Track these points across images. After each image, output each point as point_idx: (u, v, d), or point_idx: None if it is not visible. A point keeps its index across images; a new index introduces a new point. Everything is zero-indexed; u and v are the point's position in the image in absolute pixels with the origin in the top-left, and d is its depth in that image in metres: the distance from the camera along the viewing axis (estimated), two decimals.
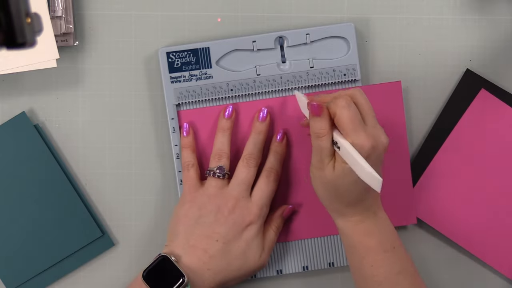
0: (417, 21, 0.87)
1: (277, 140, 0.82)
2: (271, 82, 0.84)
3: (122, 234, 0.87)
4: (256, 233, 0.79)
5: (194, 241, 0.78)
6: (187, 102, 0.84)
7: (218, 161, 0.80)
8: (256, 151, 0.81)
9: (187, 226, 0.79)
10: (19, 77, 0.86)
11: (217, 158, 0.80)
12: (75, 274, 0.87)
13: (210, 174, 0.80)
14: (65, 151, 0.86)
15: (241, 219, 0.79)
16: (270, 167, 0.81)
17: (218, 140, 0.81)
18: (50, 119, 0.86)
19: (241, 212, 0.79)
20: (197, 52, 0.84)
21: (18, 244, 0.85)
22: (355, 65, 0.84)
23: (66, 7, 0.83)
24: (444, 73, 0.87)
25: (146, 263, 0.78)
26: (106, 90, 0.86)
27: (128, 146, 0.87)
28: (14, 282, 0.85)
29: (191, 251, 0.78)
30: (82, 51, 0.86)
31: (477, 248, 0.86)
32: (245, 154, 0.81)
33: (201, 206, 0.79)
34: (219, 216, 0.78)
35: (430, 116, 0.87)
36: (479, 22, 0.87)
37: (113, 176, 0.87)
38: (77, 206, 0.85)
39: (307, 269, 0.86)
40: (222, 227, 0.78)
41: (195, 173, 0.81)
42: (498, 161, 0.86)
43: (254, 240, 0.79)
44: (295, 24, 0.86)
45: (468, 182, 0.86)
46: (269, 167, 0.81)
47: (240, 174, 0.80)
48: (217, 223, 0.78)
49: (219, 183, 0.80)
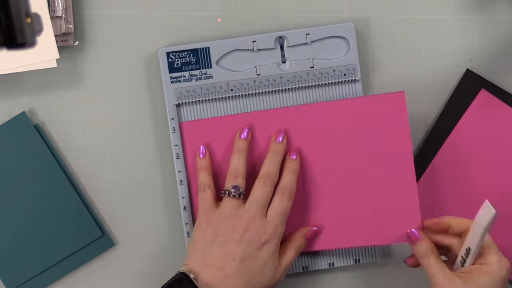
0: (417, 21, 0.87)
1: (291, 158, 0.82)
2: (271, 82, 0.84)
3: (122, 234, 0.87)
4: (272, 251, 0.79)
5: (211, 260, 0.78)
6: (187, 102, 0.84)
7: (234, 180, 0.80)
8: (273, 170, 0.81)
9: (204, 245, 0.79)
10: (19, 77, 0.86)
11: (232, 178, 0.80)
12: (75, 274, 0.87)
13: (225, 194, 0.80)
14: (65, 151, 0.86)
15: (256, 238, 0.78)
16: (284, 185, 0.81)
17: (234, 159, 0.81)
18: (50, 119, 0.86)
19: (256, 231, 0.79)
20: (197, 52, 0.84)
21: (18, 244, 0.85)
22: (355, 65, 0.84)
23: (66, 7, 0.83)
24: (444, 73, 0.87)
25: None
26: (106, 90, 0.86)
27: (128, 146, 0.87)
28: (14, 282, 0.85)
29: (208, 269, 0.78)
30: (82, 51, 0.86)
31: None
32: (262, 174, 0.81)
33: (217, 225, 0.79)
34: (235, 235, 0.78)
35: (430, 116, 0.87)
36: (479, 22, 0.87)
37: (113, 176, 0.87)
38: (77, 206, 0.85)
39: (307, 269, 0.86)
40: (238, 246, 0.78)
41: (211, 194, 0.81)
42: (498, 161, 0.86)
43: (270, 258, 0.79)
44: (295, 24, 0.86)
45: (468, 182, 0.86)
46: (283, 185, 0.81)
47: (257, 193, 0.80)
48: (233, 242, 0.78)
49: (235, 203, 0.80)
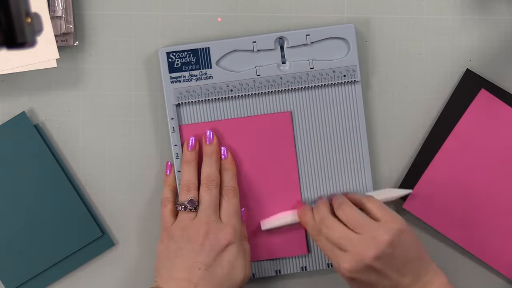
0: (417, 21, 0.87)
1: (222, 158, 0.83)
2: (271, 82, 0.84)
3: (122, 234, 0.87)
4: (237, 251, 0.79)
5: (177, 273, 0.78)
6: (187, 102, 0.84)
7: (187, 193, 0.81)
8: (212, 172, 0.82)
9: (167, 261, 0.79)
10: (19, 77, 0.86)
11: (185, 190, 0.81)
12: (75, 274, 0.87)
13: (181, 209, 0.81)
14: (65, 151, 0.86)
15: (217, 242, 0.79)
16: (225, 186, 0.82)
17: (185, 171, 0.82)
18: (50, 119, 0.86)
19: (215, 235, 0.79)
20: (197, 52, 0.84)
21: (18, 244, 0.85)
22: (355, 66, 0.84)
23: (66, 7, 0.83)
24: (444, 73, 0.87)
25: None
26: (106, 90, 0.86)
27: (128, 146, 0.87)
28: (14, 282, 0.85)
29: (175, 283, 0.78)
30: (82, 51, 0.86)
31: (477, 248, 0.86)
32: (203, 178, 0.82)
33: (177, 239, 0.80)
34: (195, 245, 0.79)
35: (430, 116, 0.87)
36: (479, 22, 0.87)
37: (113, 176, 0.87)
38: (77, 206, 0.85)
39: (305, 269, 0.86)
40: (200, 255, 0.78)
41: (170, 210, 0.82)
42: (498, 160, 0.86)
43: (237, 259, 0.79)
44: (295, 24, 0.86)
45: (468, 182, 0.86)
46: (224, 186, 0.82)
47: (205, 199, 0.81)
48: (195, 252, 0.78)
49: (190, 215, 0.80)
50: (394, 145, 0.87)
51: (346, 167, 0.86)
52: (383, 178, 0.87)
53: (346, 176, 0.86)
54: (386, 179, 0.87)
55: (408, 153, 0.87)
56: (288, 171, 0.85)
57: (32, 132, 0.85)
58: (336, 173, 0.86)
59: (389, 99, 0.87)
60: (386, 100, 0.87)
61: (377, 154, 0.87)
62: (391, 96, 0.87)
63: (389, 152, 0.87)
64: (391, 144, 0.87)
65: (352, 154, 0.86)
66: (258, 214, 0.85)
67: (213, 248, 0.79)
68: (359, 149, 0.85)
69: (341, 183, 0.86)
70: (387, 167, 0.87)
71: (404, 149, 0.87)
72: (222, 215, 0.81)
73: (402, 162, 0.87)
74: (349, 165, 0.86)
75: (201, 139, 0.84)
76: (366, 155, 0.86)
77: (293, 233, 0.85)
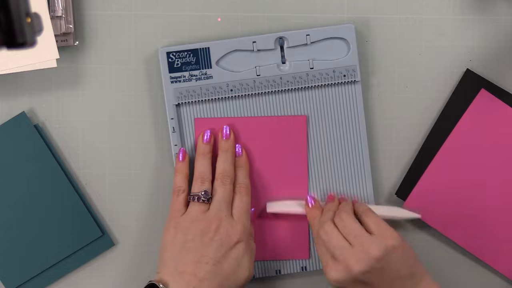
0: (417, 21, 0.87)
1: (237, 156, 0.83)
2: (271, 82, 0.84)
3: (122, 234, 0.87)
4: (244, 250, 0.79)
5: (183, 267, 0.77)
6: (187, 102, 0.84)
7: (202, 185, 0.81)
8: (228, 168, 0.82)
9: (174, 252, 0.78)
10: (19, 77, 0.86)
11: (199, 182, 0.81)
12: (75, 274, 0.87)
13: (194, 199, 0.80)
14: (65, 151, 0.86)
15: (227, 238, 0.78)
16: (238, 183, 0.82)
17: (199, 163, 0.82)
18: (50, 119, 0.86)
19: (226, 231, 0.79)
20: (197, 52, 0.84)
21: (18, 244, 0.85)
22: (355, 66, 0.84)
23: (66, 7, 0.83)
24: (444, 73, 0.87)
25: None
26: (106, 90, 0.86)
27: (128, 146, 0.87)
28: (14, 282, 0.85)
29: (179, 277, 0.77)
30: (82, 51, 0.86)
31: (477, 248, 0.86)
32: (218, 173, 0.82)
33: (186, 231, 0.79)
34: (205, 239, 0.78)
35: (430, 116, 0.87)
36: (479, 22, 0.87)
37: (113, 176, 0.87)
38: (77, 206, 0.85)
39: (305, 269, 0.86)
40: (209, 249, 0.78)
41: (183, 200, 0.81)
42: (498, 161, 0.86)
43: (243, 257, 0.79)
44: (295, 24, 0.86)
45: (468, 182, 0.86)
46: (237, 183, 0.82)
47: (218, 193, 0.80)
48: (203, 246, 0.78)
49: (202, 207, 0.80)
50: (394, 145, 0.87)
51: (346, 167, 0.86)
52: (383, 178, 0.87)
53: (345, 175, 0.86)
54: (386, 179, 0.87)
55: (408, 153, 0.87)
56: (299, 173, 0.85)
57: (32, 132, 0.85)
58: (336, 173, 0.86)
59: (389, 99, 0.87)
60: (386, 100, 0.87)
61: (377, 154, 0.87)
62: (391, 96, 0.87)
63: (389, 152, 0.87)
64: (391, 144, 0.87)
65: (352, 154, 0.86)
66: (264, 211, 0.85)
67: (222, 244, 0.78)
68: (359, 149, 0.86)
69: (341, 182, 0.86)
70: (387, 167, 0.87)
71: (404, 149, 0.87)
72: (233, 212, 0.80)
73: (402, 162, 0.87)
74: (349, 165, 0.86)
75: (217, 133, 0.84)
76: (366, 155, 0.86)
77: (296, 237, 0.85)
